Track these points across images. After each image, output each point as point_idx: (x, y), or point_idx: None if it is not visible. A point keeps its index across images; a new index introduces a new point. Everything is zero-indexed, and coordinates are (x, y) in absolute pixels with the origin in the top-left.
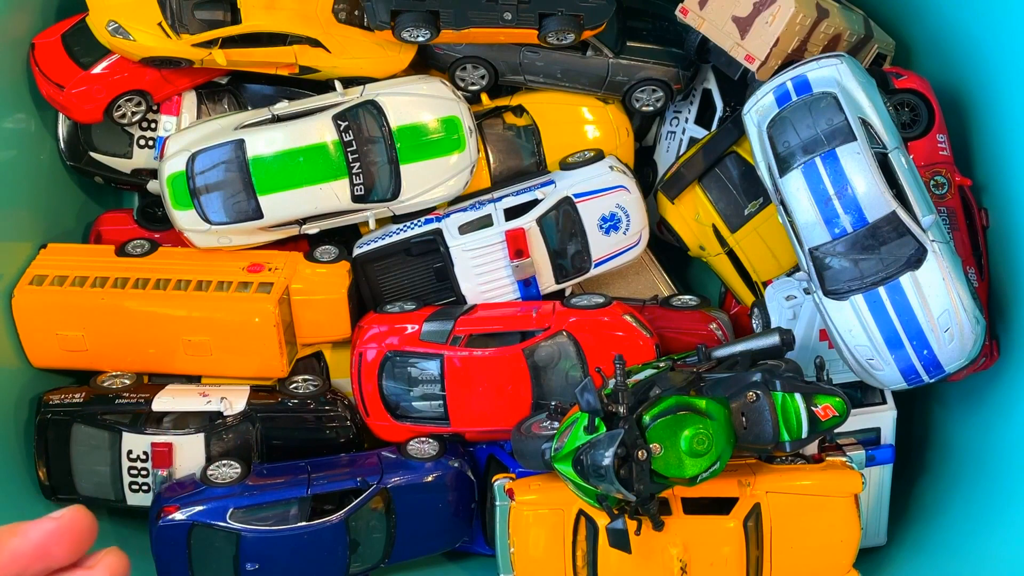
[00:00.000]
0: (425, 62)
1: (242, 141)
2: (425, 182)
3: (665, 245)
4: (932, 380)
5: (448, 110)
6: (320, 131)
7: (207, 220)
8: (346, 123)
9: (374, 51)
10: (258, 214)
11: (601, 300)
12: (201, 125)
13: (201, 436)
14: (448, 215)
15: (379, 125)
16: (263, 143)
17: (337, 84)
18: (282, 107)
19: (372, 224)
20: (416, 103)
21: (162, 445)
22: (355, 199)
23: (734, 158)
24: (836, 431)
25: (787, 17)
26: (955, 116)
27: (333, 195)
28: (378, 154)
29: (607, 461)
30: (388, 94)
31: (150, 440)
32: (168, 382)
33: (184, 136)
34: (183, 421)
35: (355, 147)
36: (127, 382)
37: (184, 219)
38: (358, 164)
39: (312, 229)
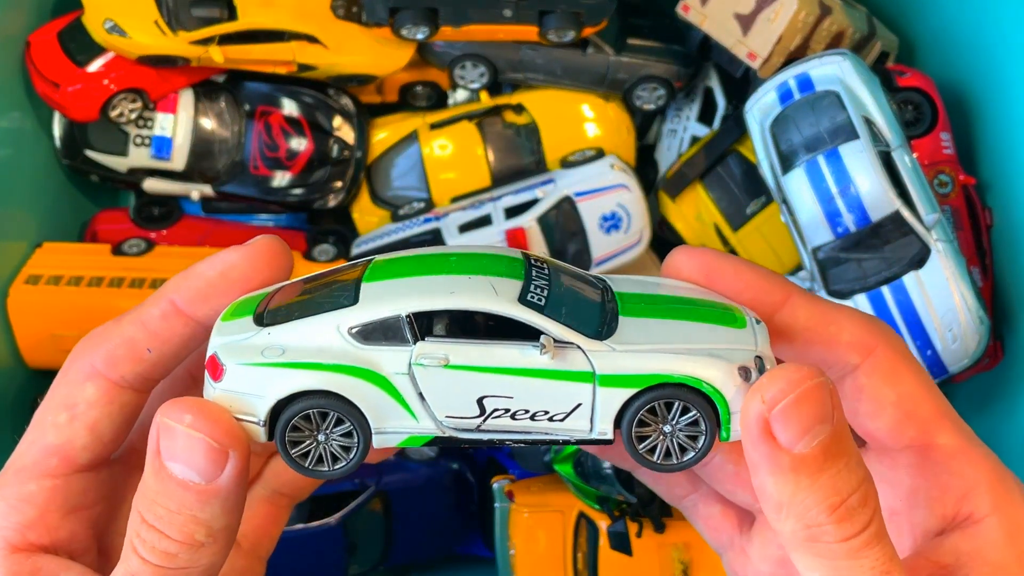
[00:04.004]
0: (424, 59)
1: None
2: None
3: (667, 244)
4: (936, 381)
5: None
6: None
7: None
8: None
9: (373, 48)
10: None
11: None
12: None
13: None
14: (447, 214)
15: None
16: None
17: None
18: None
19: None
20: None
21: None
22: None
23: (736, 157)
24: None
25: (790, 14)
26: (959, 114)
27: None
28: None
29: (608, 463)
30: None
31: None
32: None
33: None
34: None
35: None
36: None
37: None
38: None
39: None
